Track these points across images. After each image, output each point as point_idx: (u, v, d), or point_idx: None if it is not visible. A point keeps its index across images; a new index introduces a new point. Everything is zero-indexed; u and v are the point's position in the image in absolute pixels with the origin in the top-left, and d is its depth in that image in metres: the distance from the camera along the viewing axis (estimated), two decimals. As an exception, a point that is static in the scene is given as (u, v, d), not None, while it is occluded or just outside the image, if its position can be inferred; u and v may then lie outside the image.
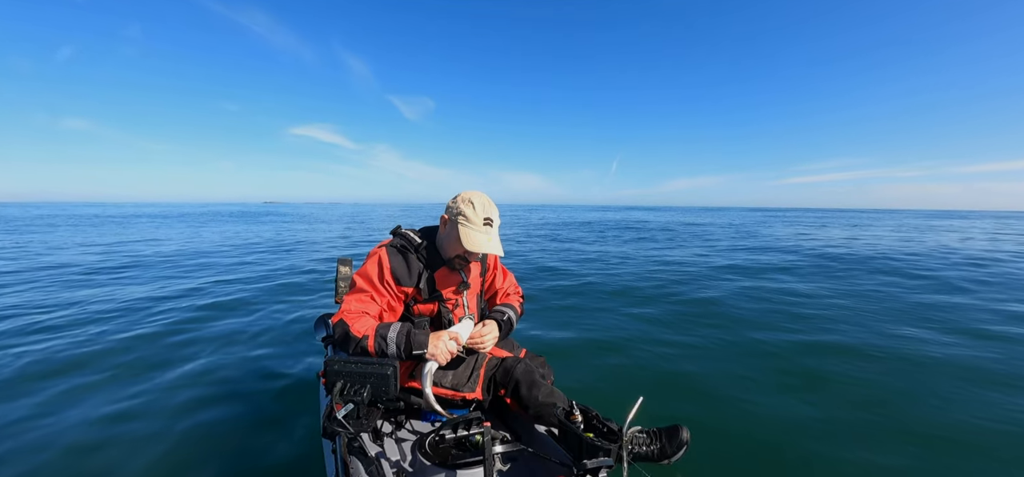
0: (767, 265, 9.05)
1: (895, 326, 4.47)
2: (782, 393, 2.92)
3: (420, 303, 1.64)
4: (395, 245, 1.63)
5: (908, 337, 4.10)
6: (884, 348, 3.79)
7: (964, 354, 3.64)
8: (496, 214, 1.60)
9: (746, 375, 3.21)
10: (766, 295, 5.99)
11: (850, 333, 4.23)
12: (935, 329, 4.37)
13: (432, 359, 1.49)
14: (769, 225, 25.99)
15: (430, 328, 1.64)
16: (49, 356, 3.41)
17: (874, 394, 2.91)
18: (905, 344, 3.90)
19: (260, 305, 5.23)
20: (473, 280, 1.75)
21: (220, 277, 7.04)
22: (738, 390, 2.96)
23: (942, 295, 6.03)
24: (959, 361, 3.48)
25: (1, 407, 2.61)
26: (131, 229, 17.24)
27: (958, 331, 4.30)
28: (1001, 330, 4.33)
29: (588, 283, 6.96)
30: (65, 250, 10.34)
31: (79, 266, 7.90)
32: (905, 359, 3.54)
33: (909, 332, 4.27)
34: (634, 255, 10.74)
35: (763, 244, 13.65)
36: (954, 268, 8.54)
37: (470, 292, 1.74)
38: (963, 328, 4.40)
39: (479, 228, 1.54)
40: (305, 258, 9.56)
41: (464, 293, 1.71)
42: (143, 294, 5.68)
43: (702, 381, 3.14)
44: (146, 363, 3.34)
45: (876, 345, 3.87)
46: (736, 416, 2.63)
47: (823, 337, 4.11)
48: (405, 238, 1.65)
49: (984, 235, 18.14)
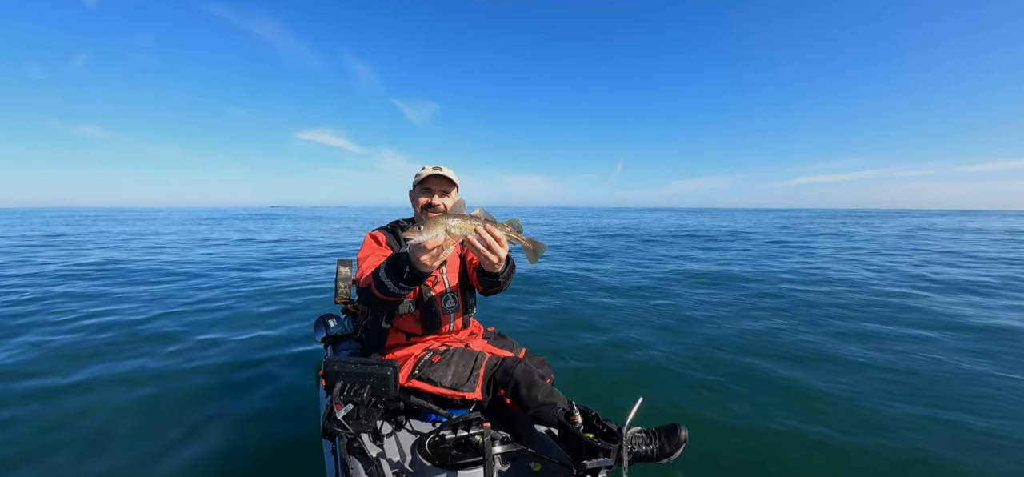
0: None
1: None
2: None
3: None
4: (383, 227, 1.91)
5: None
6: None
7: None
8: (443, 165, 1.79)
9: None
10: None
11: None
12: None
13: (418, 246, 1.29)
14: (870, 225, 23.77)
15: (416, 312, 1.78)
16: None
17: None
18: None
19: (259, 305, 5.23)
20: (452, 257, 1.89)
21: (219, 277, 7.05)
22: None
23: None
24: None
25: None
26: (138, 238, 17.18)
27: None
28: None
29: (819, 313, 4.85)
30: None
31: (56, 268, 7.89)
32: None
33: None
34: (790, 270, 8.07)
35: (916, 247, 11.71)
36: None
37: (450, 268, 1.87)
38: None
39: (428, 170, 1.79)
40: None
41: (443, 269, 1.84)
42: (138, 291, 5.69)
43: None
44: (145, 363, 3.34)
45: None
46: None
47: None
48: (388, 227, 1.92)
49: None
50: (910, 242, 14.35)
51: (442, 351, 1.73)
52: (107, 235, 15.61)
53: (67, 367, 3.24)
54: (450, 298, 1.83)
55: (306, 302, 5.42)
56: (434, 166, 1.81)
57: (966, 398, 2.85)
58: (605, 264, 9.11)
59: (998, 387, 3.01)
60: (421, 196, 1.83)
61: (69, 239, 13.68)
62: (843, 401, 2.81)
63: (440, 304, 1.80)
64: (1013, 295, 5.96)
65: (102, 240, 13.44)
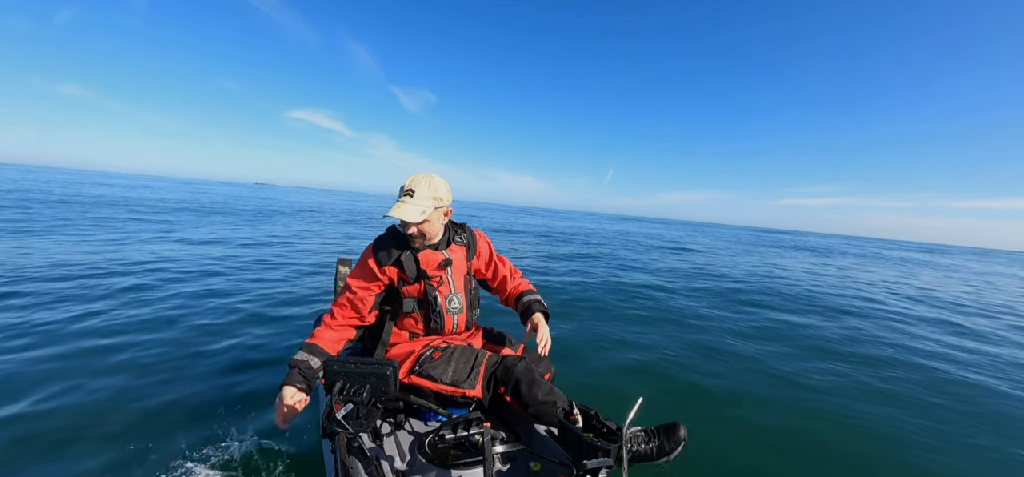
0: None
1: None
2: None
3: (407, 284, 1.75)
4: (384, 234, 1.81)
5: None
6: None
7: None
8: (419, 182, 1.68)
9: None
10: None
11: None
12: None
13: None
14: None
15: (421, 311, 1.78)
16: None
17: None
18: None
19: (259, 301, 5.22)
20: (458, 261, 1.84)
21: (213, 280, 7.03)
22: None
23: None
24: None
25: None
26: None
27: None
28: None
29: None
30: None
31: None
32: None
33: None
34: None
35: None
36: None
37: (455, 270, 1.83)
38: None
39: (398, 199, 1.70)
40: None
41: (448, 270, 1.80)
42: (132, 284, 5.67)
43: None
44: (142, 362, 3.34)
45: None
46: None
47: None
48: (391, 229, 1.82)
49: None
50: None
51: (443, 348, 1.72)
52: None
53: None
54: (455, 299, 1.82)
55: (306, 302, 5.42)
56: (406, 189, 1.68)
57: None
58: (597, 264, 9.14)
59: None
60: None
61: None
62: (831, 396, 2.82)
63: (444, 305, 1.79)
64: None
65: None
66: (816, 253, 22.45)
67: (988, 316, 7.78)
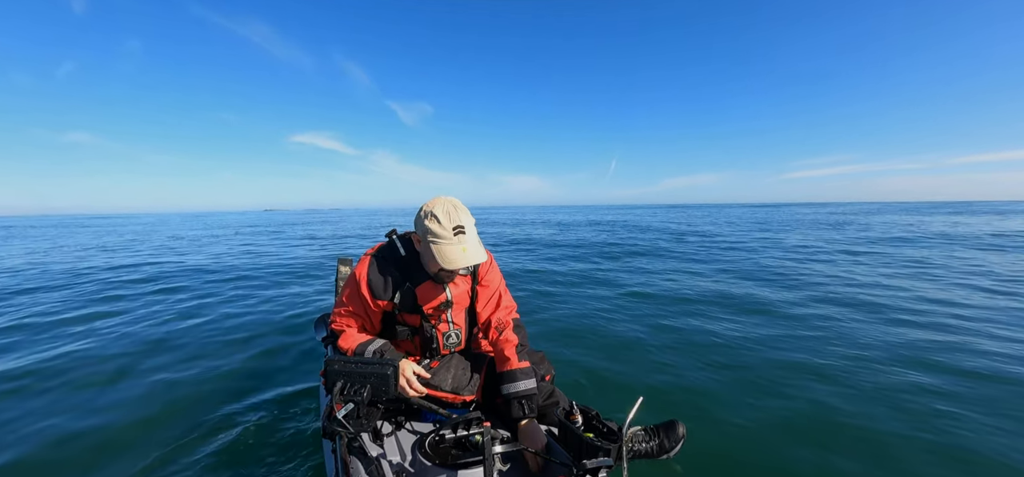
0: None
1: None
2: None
3: (403, 313, 1.60)
4: (379, 255, 1.58)
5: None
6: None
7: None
8: (466, 217, 1.46)
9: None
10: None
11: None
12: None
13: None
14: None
15: (414, 338, 1.64)
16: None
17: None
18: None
19: (260, 301, 5.23)
20: (461, 294, 1.63)
21: (213, 281, 7.03)
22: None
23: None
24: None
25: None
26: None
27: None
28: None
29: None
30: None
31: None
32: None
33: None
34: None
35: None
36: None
37: (458, 307, 1.65)
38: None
39: (450, 241, 1.40)
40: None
41: (448, 312, 1.62)
42: (132, 291, 5.67)
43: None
44: (141, 361, 3.34)
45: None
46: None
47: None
48: (391, 248, 1.60)
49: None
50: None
51: (442, 356, 1.70)
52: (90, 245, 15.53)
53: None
54: (454, 335, 1.69)
55: (305, 301, 5.42)
56: (456, 227, 1.41)
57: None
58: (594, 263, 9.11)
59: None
60: (437, 264, 1.44)
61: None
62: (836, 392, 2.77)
63: (441, 340, 1.67)
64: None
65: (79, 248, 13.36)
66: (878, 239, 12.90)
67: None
